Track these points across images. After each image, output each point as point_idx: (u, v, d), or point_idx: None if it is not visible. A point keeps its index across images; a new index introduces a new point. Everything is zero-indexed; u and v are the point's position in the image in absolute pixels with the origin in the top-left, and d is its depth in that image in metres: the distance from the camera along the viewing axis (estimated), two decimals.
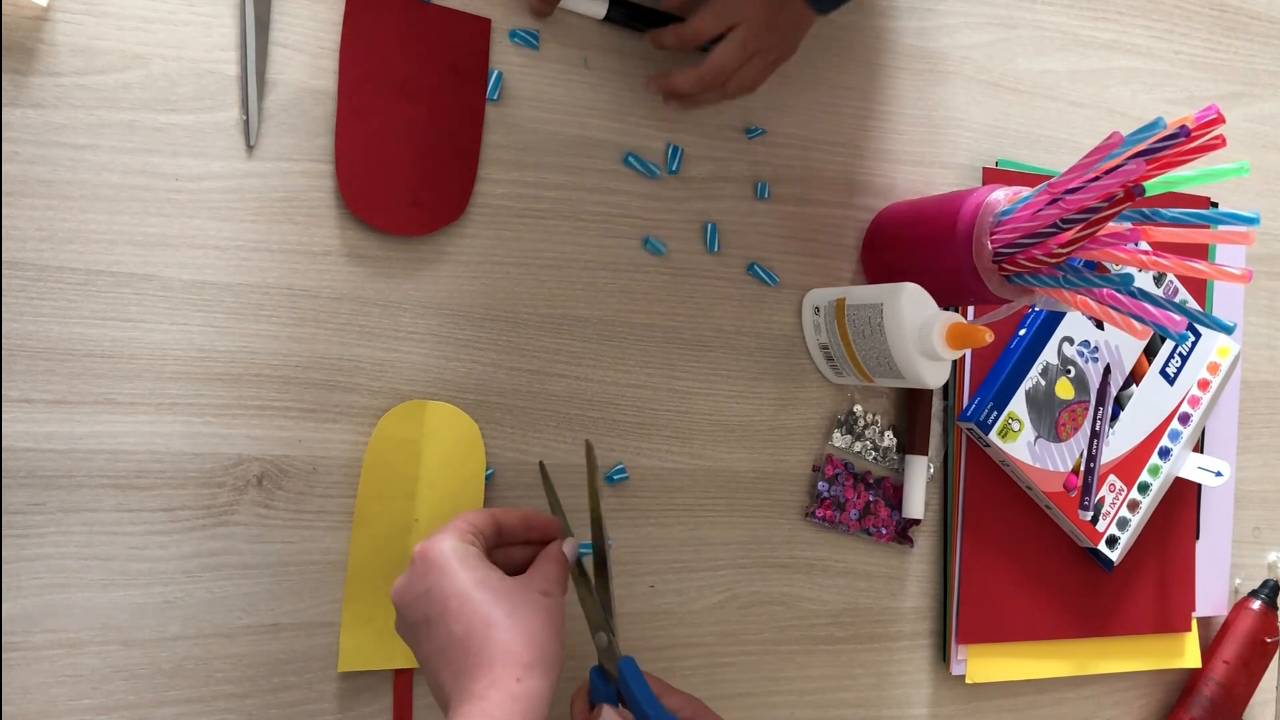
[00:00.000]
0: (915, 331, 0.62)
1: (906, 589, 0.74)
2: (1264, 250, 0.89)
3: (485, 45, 0.62)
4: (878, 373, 0.66)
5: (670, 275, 0.67)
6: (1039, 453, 0.74)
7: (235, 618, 0.57)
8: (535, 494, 0.64)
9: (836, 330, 0.66)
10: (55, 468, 0.54)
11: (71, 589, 0.54)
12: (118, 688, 0.55)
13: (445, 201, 0.61)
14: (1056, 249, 0.56)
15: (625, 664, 0.55)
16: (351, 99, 0.59)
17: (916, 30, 0.75)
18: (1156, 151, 0.53)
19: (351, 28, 0.59)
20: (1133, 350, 0.77)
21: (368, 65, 0.60)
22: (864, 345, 0.65)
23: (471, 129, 0.62)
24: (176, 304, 0.56)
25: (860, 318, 0.64)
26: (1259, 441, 0.88)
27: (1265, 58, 0.90)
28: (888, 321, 0.62)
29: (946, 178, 0.76)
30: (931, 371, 0.63)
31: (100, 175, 0.55)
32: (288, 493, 0.58)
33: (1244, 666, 0.83)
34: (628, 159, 0.66)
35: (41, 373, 0.54)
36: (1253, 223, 0.57)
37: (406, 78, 0.61)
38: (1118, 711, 0.82)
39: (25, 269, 0.54)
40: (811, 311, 0.69)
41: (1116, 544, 0.77)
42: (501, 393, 0.63)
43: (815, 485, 0.71)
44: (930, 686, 0.75)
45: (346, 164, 0.59)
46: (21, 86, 0.53)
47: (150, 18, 0.56)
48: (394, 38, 0.60)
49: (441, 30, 0.61)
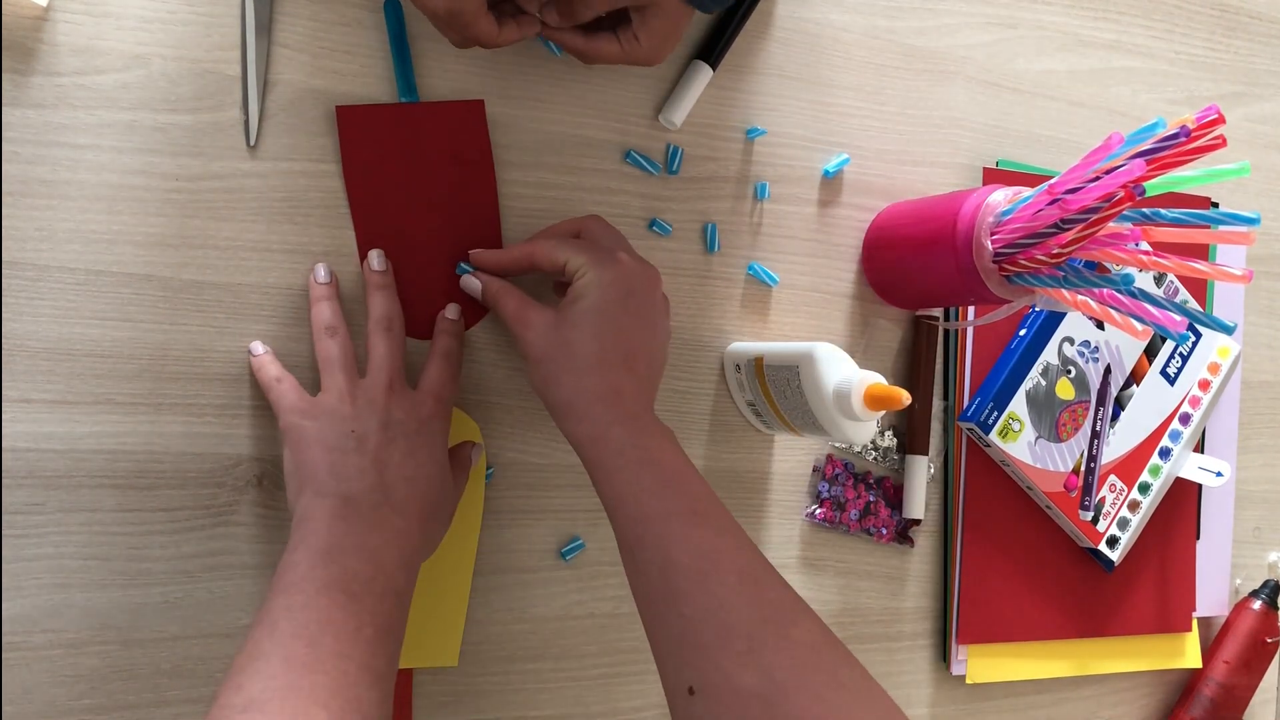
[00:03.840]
0: (833, 394, 0.60)
1: (906, 589, 0.74)
2: (1264, 250, 0.89)
3: (484, 127, 0.62)
4: (805, 429, 0.64)
5: (670, 275, 0.67)
6: (1039, 453, 0.74)
7: (235, 618, 0.57)
8: (536, 494, 0.64)
9: (759, 389, 0.65)
10: (55, 468, 0.54)
11: (71, 589, 0.54)
12: (118, 688, 0.55)
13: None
14: (1057, 249, 0.56)
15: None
16: (366, 222, 0.59)
17: (916, 30, 0.75)
18: (1157, 152, 0.53)
19: (349, 151, 0.59)
20: (1133, 350, 0.77)
21: (373, 182, 0.59)
22: (787, 404, 0.63)
23: (488, 213, 0.62)
24: (176, 304, 0.56)
25: (779, 378, 0.63)
26: (1259, 441, 0.88)
27: (1265, 58, 0.90)
28: (805, 384, 0.61)
29: (946, 178, 0.76)
30: (856, 431, 0.61)
31: (100, 175, 0.55)
32: None
33: (1244, 667, 0.83)
34: (629, 155, 0.66)
35: (41, 373, 0.54)
36: (1253, 223, 0.57)
37: (414, 184, 0.60)
38: (1118, 711, 0.82)
39: (25, 269, 0.54)
40: (733, 369, 0.68)
41: (1117, 544, 0.77)
42: (501, 393, 0.63)
43: (815, 485, 0.71)
44: (930, 686, 0.75)
45: None
46: (21, 86, 0.53)
47: (150, 18, 0.56)
48: (392, 147, 0.60)
49: (436, 124, 0.61)
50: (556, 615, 0.64)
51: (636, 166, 0.66)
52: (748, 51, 0.69)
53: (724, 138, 0.69)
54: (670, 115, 0.66)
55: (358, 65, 0.60)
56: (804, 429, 0.64)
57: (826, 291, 0.72)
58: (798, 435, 0.67)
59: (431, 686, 0.61)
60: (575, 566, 0.65)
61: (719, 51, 0.67)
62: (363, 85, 0.60)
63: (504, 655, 0.63)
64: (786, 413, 0.64)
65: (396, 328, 0.57)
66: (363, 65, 0.60)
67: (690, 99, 0.66)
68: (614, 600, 0.66)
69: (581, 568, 0.65)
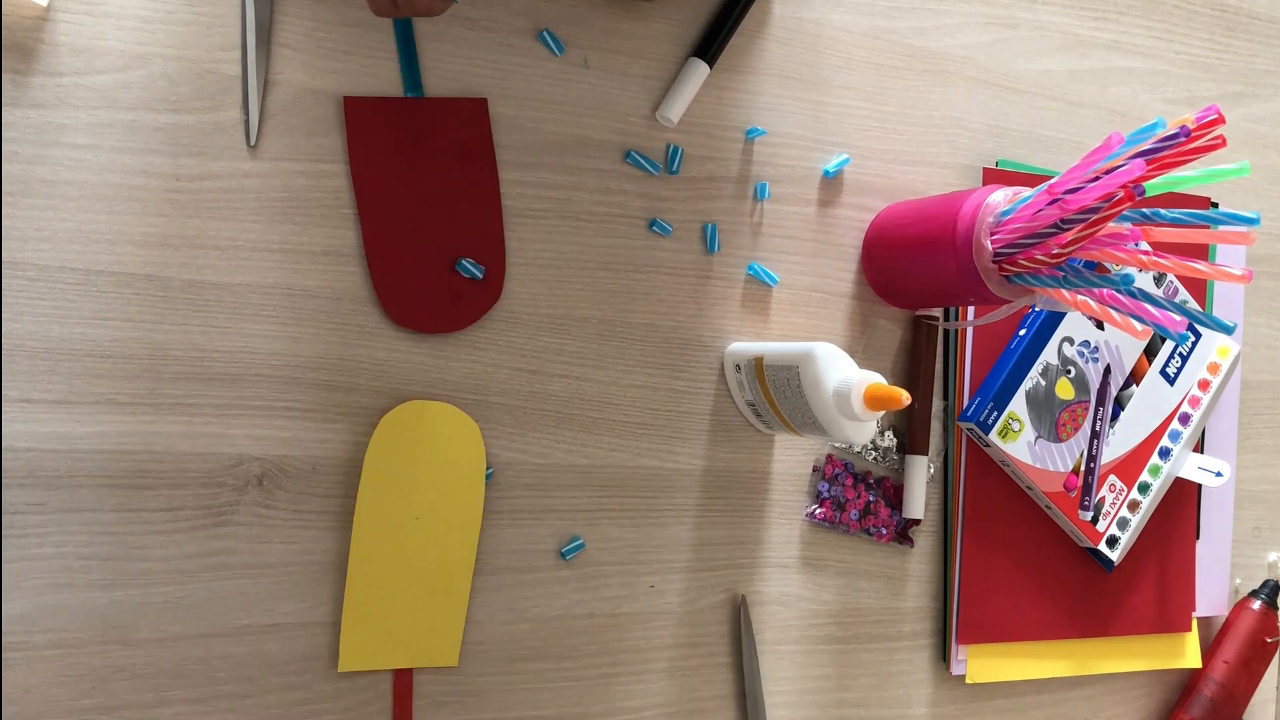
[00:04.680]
0: (833, 393, 0.60)
1: (906, 589, 0.74)
2: (1264, 250, 0.89)
3: (487, 124, 0.62)
4: (805, 429, 0.64)
5: (670, 275, 0.67)
6: (1039, 453, 0.74)
7: (235, 618, 0.57)
8: (536, 494, 0.64)
9: (759, 388, 0.65)
10: (55, 468, 0.54)
11: (71, 589, 0.54)
12: (118, 688, 0.55)
13: (482, 287, 0.62)
14: (1056, 249, 0.56)
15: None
16: (372, 216, 0.60)
17: (916, 30, 0.75)
18: (1157, 152, 0.53)
19: (355, 142, 0.59)
20: (1133, 350, 0.77)
21: (378, 174, 0.60)
22: (786, 404, 0.63)
23: (490, 210, 0.62)
24: (176, 304, 0.56)
25: (779, 378, 0.63)
26: (1259, 441, 0.88)
27: (1265, 58, 0.90)
28: (805, 384, 0.60)
29: (946, 178, 0.76)
30: (856, 431, 0.61)
31: (100, 175, 0.55)
32: (288, 493, 0.58)
33: (1244, 667, 0.83)
34: (629, 155, 0.66)
35: (41, 373, 0.54)
36: (1253, 223, 0.57)
37: (417, 178, 0.61)
38: (1118, 711, 0.82)
39: (25, 269, 0.54)
40: (733, 369, 0.68)
41: (1117, 544, 0.77)
42: (501, 393, 0.63)
43: (815, 485, 0.71)
44: (930, 686, 0.75)
45: (384, 281, 0.60)
46: (21, 86, 0.53)
47: (150, 18, 0.56)
48: (397, 140, 0.60)
49: (441, 119, 0.61)
50: (556, 615, 0.64)
51: (636, 166, 0.66)
52: (747, 51, 0.69)
53: (724, 138, 0.69)
54: (667, 112, 0.66)
55: (358, 65, 0.60)
56: (804, 429, 0.64)
57: (826, 291, 0.72)
58: (798, 435, 0.67)
59: (431, 686, 0.61)
60: (575, 566, 0.65)
61: (715, 49, 0.67)
62: (363, 85, 0.60)
63: (504, 655, 0.63)
64: (786, 413, 0.64)
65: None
66: (363, 65, 0.60)
67: (687, 96, 0.66)
68: (614, 600, 0.66)
69: (581, 568, 0.65)
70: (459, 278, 0.61)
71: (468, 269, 0.61)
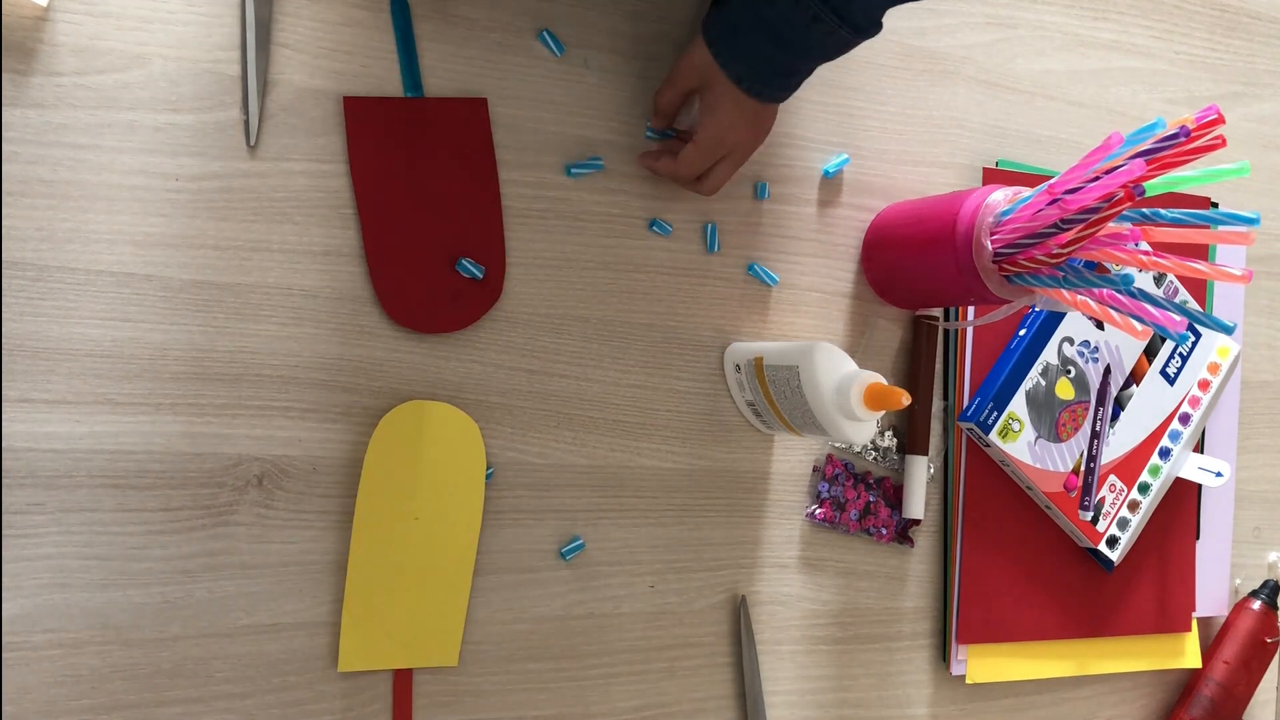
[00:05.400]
0: (833, 393, 0.60)
1: (906, 589, 0.74)
2: (1264, 250, 0.89)
3: (486, 124, 0.62)
4: (805, 429, 0.64)
5: (670, 275, 0.67)
6: (1039, 453, 0.74)
7: (235, 618, 0.57)
8: (536, 494, 0.64)
9: (759, 388, 0.65)
10: (55, 468, 0.54)
11: (71, 589, 0.54)
12: (118, 688, 0.55)
13: (482, 287, 0.62)
14: (1056, 249, 0.56)
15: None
16: (372, 216, 0.60)
17: (916, 30, 0.75)
18: (1156, 152, 0.53)
19: (355, 141, 0.59)
20: (1133, 350, 0.77)
21: (378, 174, 0.60)
22: (786, 404, 0.63)
23: (490, 209, 0.62)
24: (176, 304, 0.56)
25: (779, 378, 0.63)
26: (1259, 441, 0.88)
27: (1265, 58, 0.90)
28: (805, 383, 0.60)
29: (946, 178, 0.76)
30: (856, 430, 0.61)
31: (100, 175, 0.55)
32: (288, 493, 0.58)
33: (1244, 667, 0.83)
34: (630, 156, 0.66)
35: (41, 373, 0.54)
36: (1253, 223, 0.57)
37: (417, 177, 0.61)
38: (1118, 711, 0.82)
39: (25, 269, 0.54)
40: (733, 369, 0.68)
41: (1117, 544, 0.77)
42: (501, 393, 0.63)
43: (815, 485, 0.71)
44: (930, 686, 0.75)
45: (384, 281, 0.60)
46: (21, 86, 0.53)
47: (150, 18, 0.56)
48: (397, 140, 0.60)
49: (441, 119, 0.61)
50: (556, 615, 0.64)
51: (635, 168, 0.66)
52: None
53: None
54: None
55: (358, 65, 0.60)
56: (804, 429, 0.64)
57: (826, 291, 0.72)
58: (798, 435, 0.67)
59: (431, 686, 0.61)
60: (575, 566, 0.65)
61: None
62: (363, 85, 0.60)
63: (504, 655, 0.63)
64: (786, 412, 0.64)
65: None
66: (363, 65, 0.60)
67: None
68: (614, 600, 0.66)
69: (581, 568, 0.65)
70: (459, 277, 0.61)
71: (468, 269, 0.61)
